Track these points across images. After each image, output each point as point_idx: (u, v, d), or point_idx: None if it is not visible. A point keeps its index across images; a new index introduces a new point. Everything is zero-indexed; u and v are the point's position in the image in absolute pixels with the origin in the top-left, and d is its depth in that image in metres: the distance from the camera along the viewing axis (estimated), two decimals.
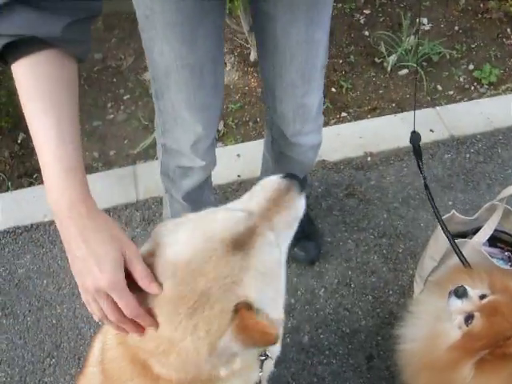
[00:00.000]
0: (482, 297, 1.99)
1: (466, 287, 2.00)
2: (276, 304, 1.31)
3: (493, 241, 2.67)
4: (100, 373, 1.60)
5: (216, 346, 1.23)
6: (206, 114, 2.18)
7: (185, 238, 1.30)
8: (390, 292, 2.93)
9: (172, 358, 1.28)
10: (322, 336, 2.80)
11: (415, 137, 2.57)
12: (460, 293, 1.99)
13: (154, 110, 2.28)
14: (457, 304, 1.99)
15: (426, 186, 2.42)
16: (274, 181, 1.47)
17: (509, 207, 2.54)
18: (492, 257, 2.51)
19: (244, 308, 1.22)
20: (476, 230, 2.55)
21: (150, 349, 1.32)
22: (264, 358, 1.57)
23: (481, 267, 2.26)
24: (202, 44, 1.96)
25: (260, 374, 1.60)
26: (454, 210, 2.61)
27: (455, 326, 1.99)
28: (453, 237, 2.58)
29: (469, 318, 1.95)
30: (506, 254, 2.69)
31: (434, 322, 2.11)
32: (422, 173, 2.44)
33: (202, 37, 1.95)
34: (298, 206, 1.45)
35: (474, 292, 2.00)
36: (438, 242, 2.55)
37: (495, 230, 2.52)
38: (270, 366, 1.82)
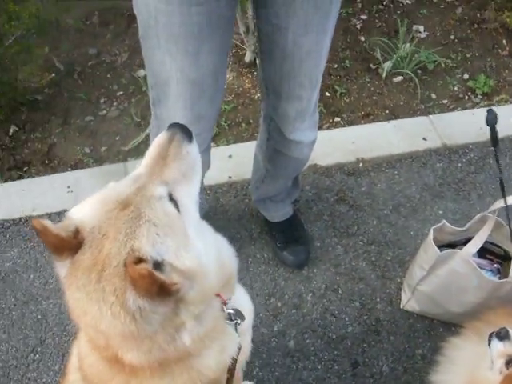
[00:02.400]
0: None
1: (509, 329, 1.96)
2: (179, 255, 1.30)
3: (482, 252, 2.67)
4: (82, 380, 1.62)
5: (128, 305, 1.24)
6: (202, 124, 2.20)
7: (90, 209, 1.34)
8: (378, 299, 2.92)
9: (109, 335, 1.32)
10: (307, 341, 2.78)
11: (492, 116, 2.24)
12: (502, 335, 1.94)
13: (147, 107, 2.28)
14: (498, 347, 1.94)
15: (502, 182, 2.28)
16: (158, 137, 1.50)
17: (500, 219, 2.54)
18: (481, 268, 2.52)
19: (132, 260, 1.22)
20: (466, 241, 2.55)
21: (95, 334, 1.37)
22: (234, 321, 1.60)
23: None
24: (205, 59, 1.97)
25: (237, 339, 1.63)
26: (444, 220, 2.61)
27: (496, 370, 1.93)
28: (442, 246, 2.59)
29: (510, 361, 1.90)
30: (495, 265, 2.70)
31: (472, 370, 2.05)
32: (498, 163, 2.26)
33: (207, 52, 1.95)
34: (188, 153, 1.48)
35: None
36: (428, 251, 2.55)
37: (485, 242, 2.52)
38: (248, 338, 1.86)
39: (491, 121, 2.23)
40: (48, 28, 3.71)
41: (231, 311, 1.59)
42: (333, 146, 3.50)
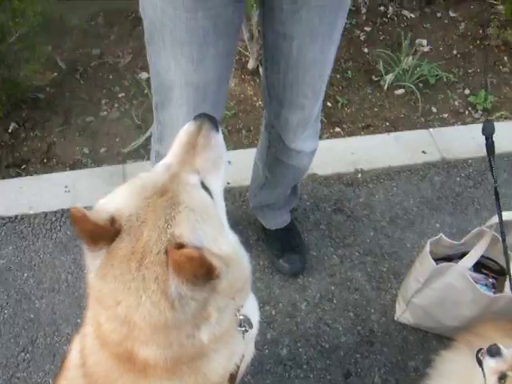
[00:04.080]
0: None
1: (500, 346, 1.96)
2: (216, 240, 1.32)
3: (478, 267, 2.68)
4: (82, 377, 1.60)
5: (169, 293, 1.25)
6: None
7: (126, 197, 1.34)
8: (372, 310, 2.92)
9: (140, 325, 1.31)
10: (300, 350, 2.78)
11: (489, 127, 2.27)
12: (493, 352, 1.94)
13: (148, 110, 2.28)
14: (490, 364, 1.94)
15: (496, 192, 2.30)
16: (186, 126, 1.51)
17: (496, 234, 2.54)
18: (476, 282, 2.52)
19: (174, 246, 1.24)
20: (462, 255, 2.56)
21: (116, 319, 1.35)
22: (243, 328, 1.60)
23: None
24: (209, 65, 1.97)
25: (243, 347, 1.64)
26: (441, 234, 2.62)
27: None
28: (438, 259, 2.59)
29: (503, 377, 1.90)
30: (491, 280, 2.70)
31: None
32: (493, 174, 2.29)
33: (211, 58, 1.96)
34: (216, 143, 1.50)
35: (508, 350, 1.96)
36: (424, 264, 2.56)
37: (481, 256, 2.53)
38: (251, 347, 1.86)
39: (488, 131, 2.25)
40: (52, 27, 3.71)
41: (242, 317, 1.60)
42: (332, 155, 3.50)
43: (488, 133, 2.24)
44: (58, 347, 2.76)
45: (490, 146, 2.26)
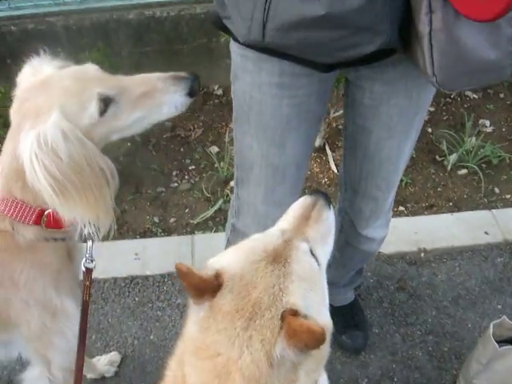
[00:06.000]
0: None
1: None
2: (320, 310, 1.38)
3: None
4: None
5: (272, 354, 1.28)
6: (279, 211, 2.23)
7: (233, 257, 1.42)
8: None
9: (234, 377, 1.32)
10: None
11: None
12: None
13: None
14: None
15: None
16: (301, 200, 1.62)
17: None
18: None
19: (290, 313, 1.28)
20: None
21: (210, 370, 1.35)
22: None
23: None
24: (290, 149, 2.07)
25: None
26: (504, 316, 2.64)
27: None
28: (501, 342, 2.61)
29: None
30: None
31: None
32: None
33: (292, 142, 2.06)
34: (327, 218, 1.59)
35: None
36: (487, 346, 2.58)
37: None
38: None
39: None
40: None
41: None
42: (396, 234, 3.53)
43: None
44: None
45: None
